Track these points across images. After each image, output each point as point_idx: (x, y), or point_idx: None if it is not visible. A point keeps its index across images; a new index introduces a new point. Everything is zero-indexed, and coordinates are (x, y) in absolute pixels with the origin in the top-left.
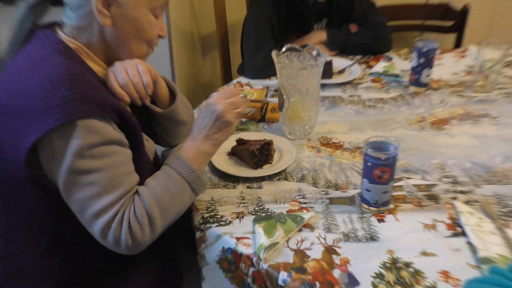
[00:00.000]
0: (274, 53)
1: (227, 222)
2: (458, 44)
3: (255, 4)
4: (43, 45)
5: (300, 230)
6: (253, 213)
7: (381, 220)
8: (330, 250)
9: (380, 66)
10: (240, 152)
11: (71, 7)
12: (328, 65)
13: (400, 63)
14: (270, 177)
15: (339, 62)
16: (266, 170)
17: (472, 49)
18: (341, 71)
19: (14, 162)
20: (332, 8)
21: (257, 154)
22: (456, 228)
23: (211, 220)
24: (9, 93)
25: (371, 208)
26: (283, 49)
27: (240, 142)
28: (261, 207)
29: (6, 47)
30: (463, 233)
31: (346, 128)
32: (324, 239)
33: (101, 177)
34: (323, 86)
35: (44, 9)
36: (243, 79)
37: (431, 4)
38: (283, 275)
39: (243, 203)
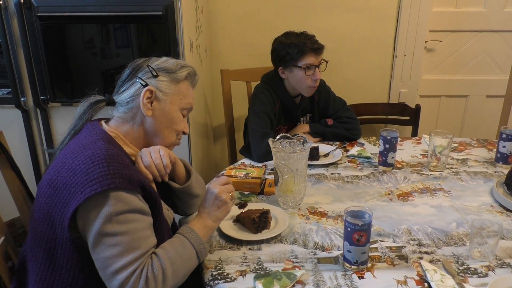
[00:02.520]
0: (270, 141)
1: (232, 279)
2: (414, 133)
3: (257, 104)
4: (90, 133)
5: (294, 286)
6: (254, 271)
7: (361, 277)
8: None
9: (355, 150)
10: (243, 220)
11: (121, 104)
12: (315, 150)
13: (370, 147)
14: (268, 240)
15: (324, 148)
16: (264, 234)
17: (425, 137)
18: (326, 155)
19: (60, 225)
20: (314, 106)
21: (257, 221)
22: (424, 284)
23: (219, 277)
24: (60, 170)
25: (352, 266)
26: (278, 137)
27: (242, 206)
28: (260, 266)
29: (64, 135)
30: None
31: (329, 200)
32: None
33: (123, 240)
34: (310, 166)
35: (100, 107)
36: (246, 160)
37: (392, 103)
38: None
39: (246, 262)
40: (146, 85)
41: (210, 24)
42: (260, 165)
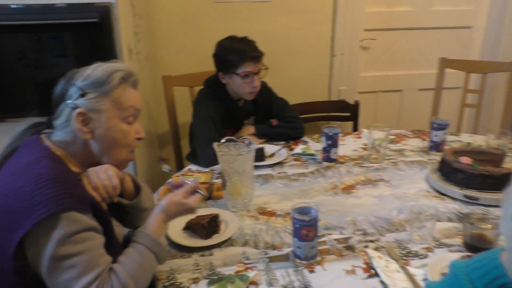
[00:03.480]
0: (215, 144)
1: (185, 287)
2: (355, 128)
3: (200, 109)
4: (32, 152)
5: (247, 287)
6: (207, 277)
7: (312, 271)
8: None
9: (299, 148)
10: (193, 226)
11: (59, 128)
12: (261, 151)
13: (314, 145)
14: (219, 245)
15: (269, 148)
16: (215, 239)
17: (365, 131)
18: (272, 155)
19: (4, 254)
20: (257, 108)
21: (207, 226)
22: (371, 271)
23: None
24: (0, 194)
25: (303, 261)
26: (223, 140)
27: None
28: (213, 271)
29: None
30: (376, 274)
31: (277, 199)
32: None
33: (81, 260)
34: (257, 167)
35: (40, 129)
36: (193, 166)
37: (332, 100)
38: None
39: (198, 269)
40: (76, 107)
41: (149, 30)
42: (207, 170)
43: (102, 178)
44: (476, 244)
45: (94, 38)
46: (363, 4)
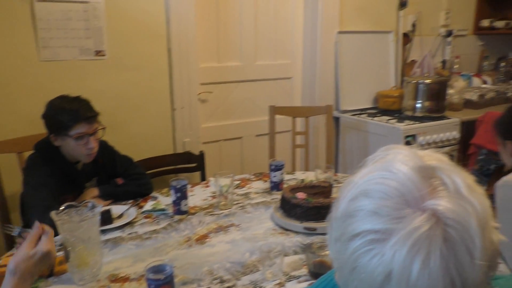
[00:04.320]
0: (53, 213)
1: None
2: (203, 178)
3: (32, 176)
4: None
5: None
6: None
7: None
8: None
9: (149, 205)
10: None
11: None
12: (107, 213)
13: (164, 199)
14: None
15: (117, 209)
16: None
17: (212, 180)
18: (120, 216)
19: None
20: (99, 169)
21: None
22: None
23: None
24: None
25: None
26: (62, 207)
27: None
28: None
29: None
30: None
31: (130, 262)
32: None
33: None
34: (104, 231)
35: None
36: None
37: (178, 153)
38: None
39: None
40: None
41: None
42: None
43: None
44: (319, 271)
45: None
46: (196, 60)
